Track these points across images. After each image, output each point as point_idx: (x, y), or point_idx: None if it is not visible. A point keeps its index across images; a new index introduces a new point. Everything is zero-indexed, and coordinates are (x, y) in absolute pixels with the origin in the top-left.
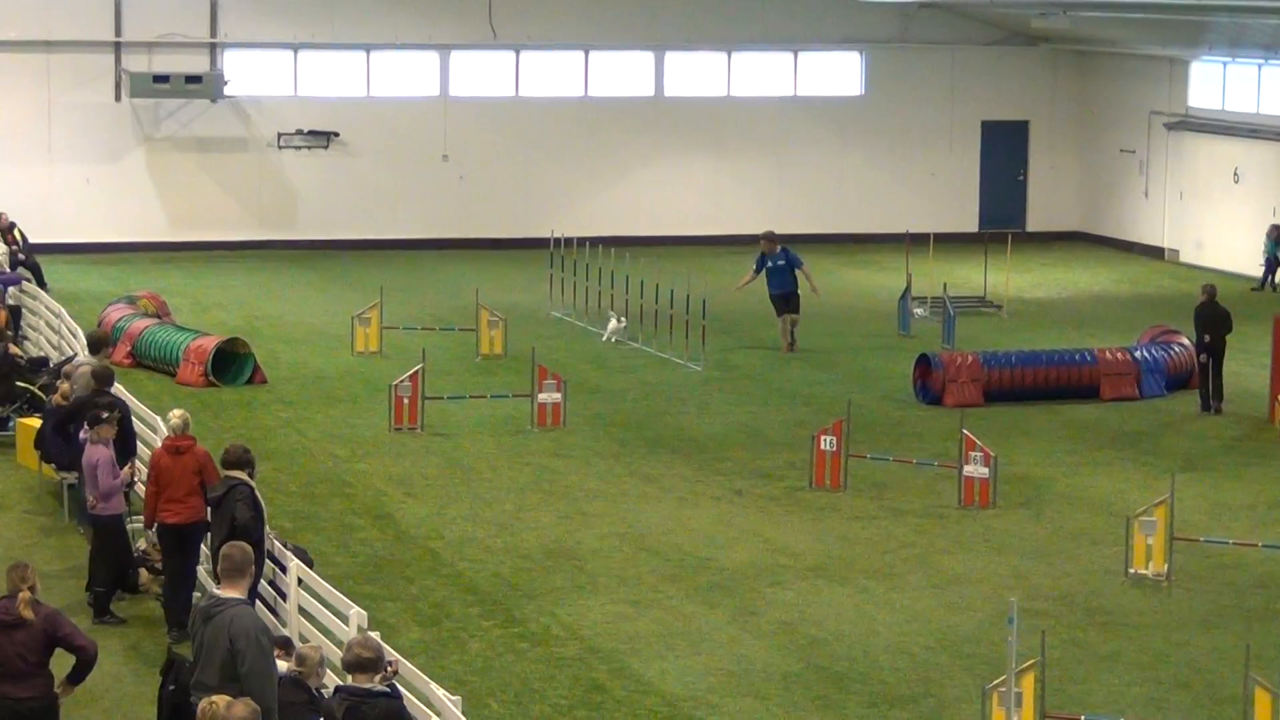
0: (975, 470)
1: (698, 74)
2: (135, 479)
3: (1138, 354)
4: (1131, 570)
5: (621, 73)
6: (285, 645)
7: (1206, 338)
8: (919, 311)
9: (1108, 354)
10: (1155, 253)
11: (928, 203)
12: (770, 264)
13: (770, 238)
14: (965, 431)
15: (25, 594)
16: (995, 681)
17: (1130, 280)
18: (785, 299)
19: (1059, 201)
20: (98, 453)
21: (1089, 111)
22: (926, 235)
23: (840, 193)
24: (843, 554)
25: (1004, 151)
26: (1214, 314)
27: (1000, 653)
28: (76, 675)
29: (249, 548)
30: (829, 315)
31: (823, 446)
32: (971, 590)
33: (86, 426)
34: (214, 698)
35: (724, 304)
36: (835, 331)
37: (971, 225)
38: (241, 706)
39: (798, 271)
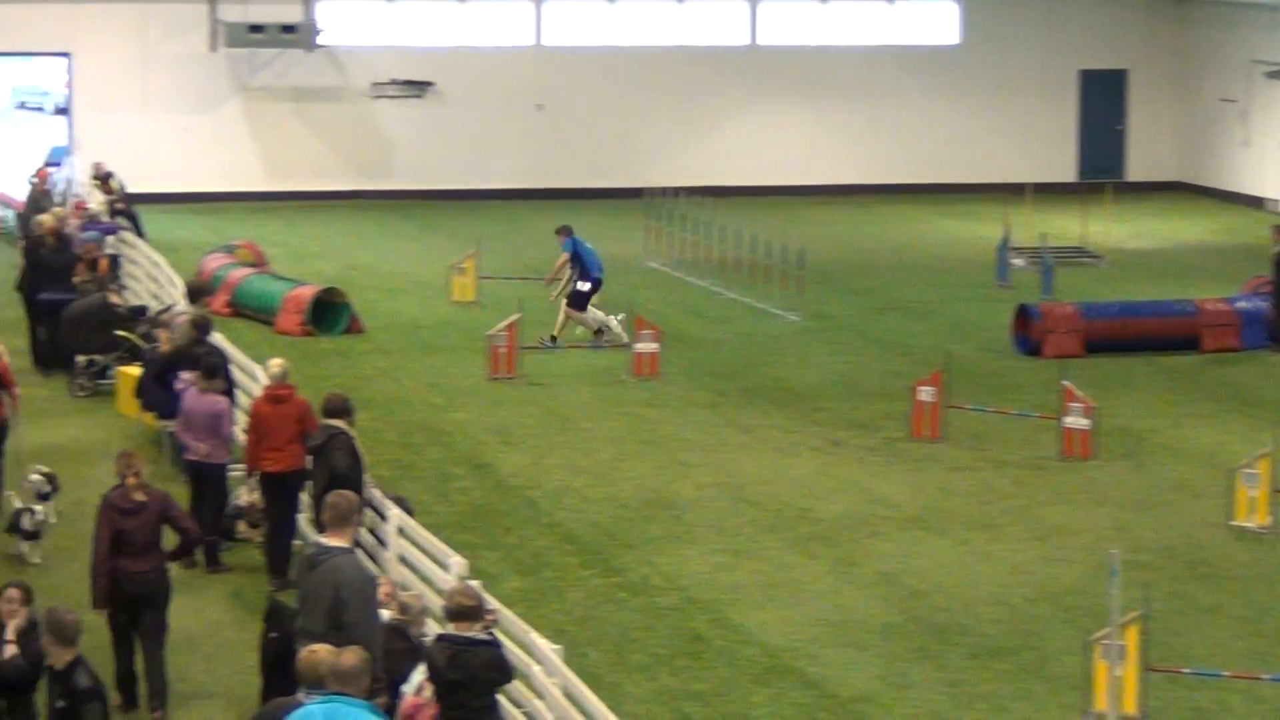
0: (1075, 422)
1: (793, 22)
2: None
3: (1239, 305)
4: (1234, 523)
5: (716, 21)
6: None
7: None
8: (1017, 262)
9: (1209, 305)
10: (1256, 203)
11: (1025, 152)
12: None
13: (560, 230)
14: (1065, 382)
15: (132, 479)
16: (1098, 634)
17: (1231, 231)
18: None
19: (1158, 151)
20: (221, 403)
21: (1188, 60)
22: (1024, 185)
23: (936, 142)
24: (942, 505)
25: (1102, 100)
26: None
27: (1101, 605)
28: (179, 553)
29: (354, 496)
30: (927, 266)
31: (921, 397)
32: (1072, 542)
33: (203, 375)
34: (314, 646)
35: (821, 254)
36: (933, 282)
37: (1070, 175)
38: (351, 655)
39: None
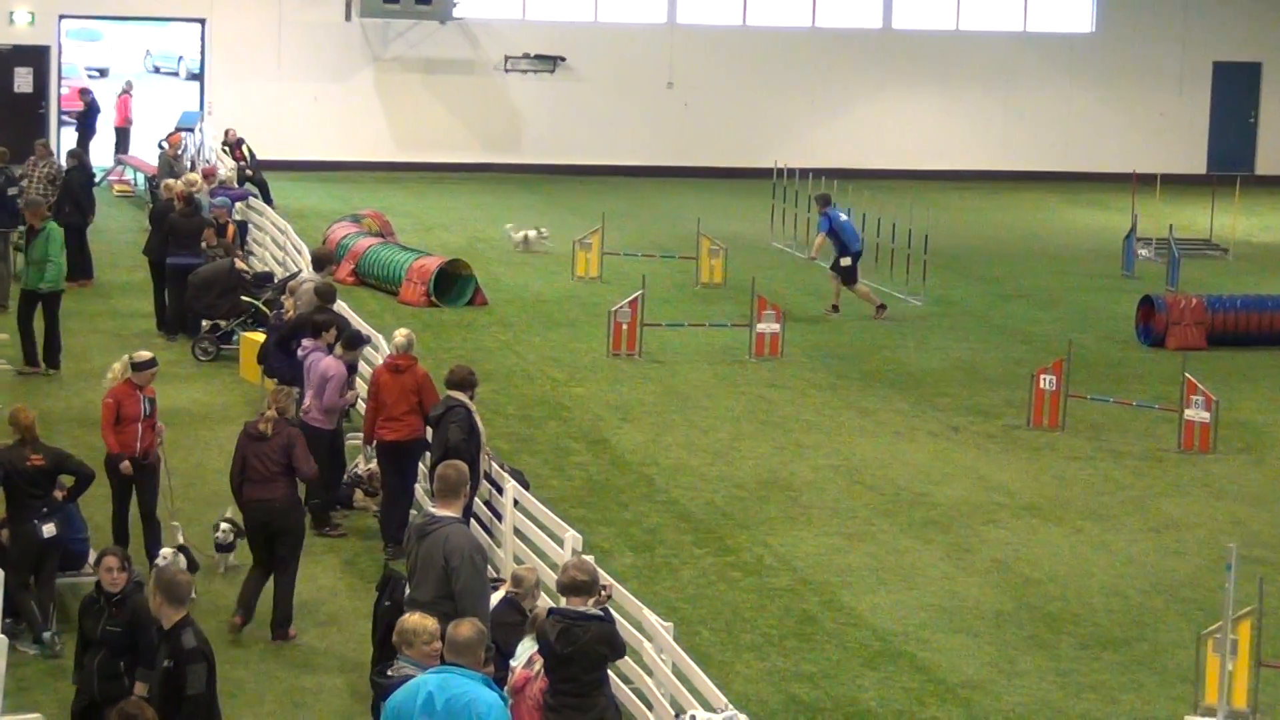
0: (1196, 414)
1: (926, 7)
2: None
3: None
4: None
5: (850, 4)
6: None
7: None
8: (1144, 252)
9: None
10: None
11: (1155, 143)
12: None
13: (819, 200)
14: (1187, 375)
15: (270, 412)
16: (1211, 628)
17: None
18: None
19: None
20: (334, 368)
21: None
22: (1153, 176)
23: (1067, 131)
24: (1059, 494)
25: (1235, 93)
26: None
27: (1217, 599)
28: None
29: (464, 467)
30: (1053, 254)
31: (1042, 385)
32: (1189, 535)
33: (344, 344)
34: (412, 613)
35: (947, 240)
36: (1058, 271)
37: (1199, 167)
38: (467, 626)
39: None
